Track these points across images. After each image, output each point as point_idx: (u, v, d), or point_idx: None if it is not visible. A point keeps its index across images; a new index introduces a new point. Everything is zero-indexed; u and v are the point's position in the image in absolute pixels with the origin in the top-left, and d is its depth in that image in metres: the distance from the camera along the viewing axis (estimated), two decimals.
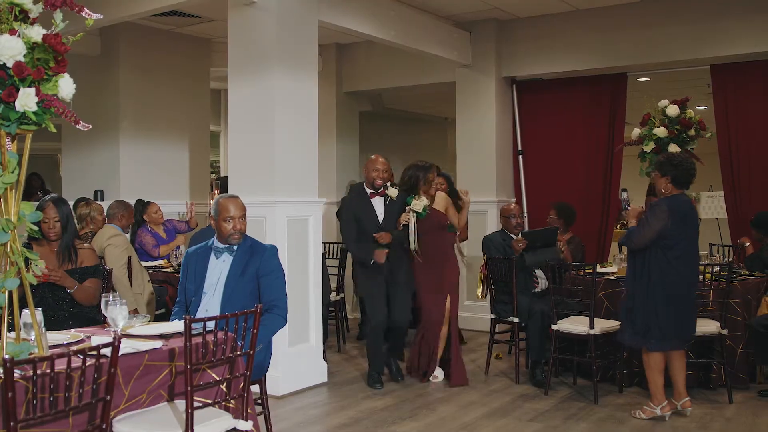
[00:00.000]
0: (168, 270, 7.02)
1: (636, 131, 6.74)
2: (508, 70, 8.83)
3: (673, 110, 6.53)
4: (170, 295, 6.67)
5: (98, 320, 4.69)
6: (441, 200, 6.39)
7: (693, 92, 9.81)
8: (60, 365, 2.70)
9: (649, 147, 6.57)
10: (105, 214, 6.79)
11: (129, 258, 6.26)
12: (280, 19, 5.96)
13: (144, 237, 7.69)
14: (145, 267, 6.73)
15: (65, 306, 4.64)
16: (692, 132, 6.49)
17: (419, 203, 6.04)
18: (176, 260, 7.12)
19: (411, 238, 6.07)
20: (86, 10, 3.03)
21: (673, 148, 6.33)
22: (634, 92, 8.80)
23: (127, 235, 7.28)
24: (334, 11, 6.73)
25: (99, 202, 7.21)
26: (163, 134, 8.90)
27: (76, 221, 6.15)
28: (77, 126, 3.01)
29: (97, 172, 8.62)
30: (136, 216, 7.72)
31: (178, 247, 7.59)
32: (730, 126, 7.91)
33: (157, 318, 6.35)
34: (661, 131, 6.47)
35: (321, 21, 6.47)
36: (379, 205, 6.14)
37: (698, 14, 7.67)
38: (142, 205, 7.84)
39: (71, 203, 6.31)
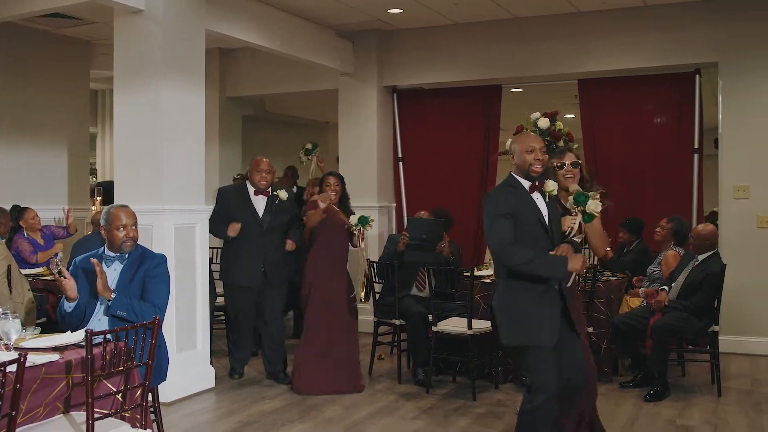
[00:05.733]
0: (48, 278, 6.87)
1: (510, 141, 7.12)
2: (389, 80, 9.11)
3: (543, 123, 6.95)
4: (51, 304, 6.54)
5: None
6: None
7: (563, 102, 10.45)
8: None
9: None
10: None
11: (9, 267, 6.12)
12: (167, 27, 5.99)
13: (21, 244, 7.49)
14: (25, 275, 6.57)
15: None
16: (561, 143, 6.93)
17: (596, 204, 4.22)
18: (56, 267, 6.95)
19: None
20: None
21: None
22: (509, 101, 9.27)
23: (3, 241, 7.09)
24: (221, 20, 6.80)
25: None
26: (40, 138, 8.67)
27: None
28: None
29: None
30: (12, 222, 7.51)
31: (56, 254, 7.42)
32: (595, 134, 8.47)
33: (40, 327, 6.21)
34: None
35: (208, 30, 6.53)
36: (540, 202, 4.18)
37: (565, 33, 8.19)
38: (18, 211, 7.63)
39: None
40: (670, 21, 7.78)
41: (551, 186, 4.19)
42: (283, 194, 6.57)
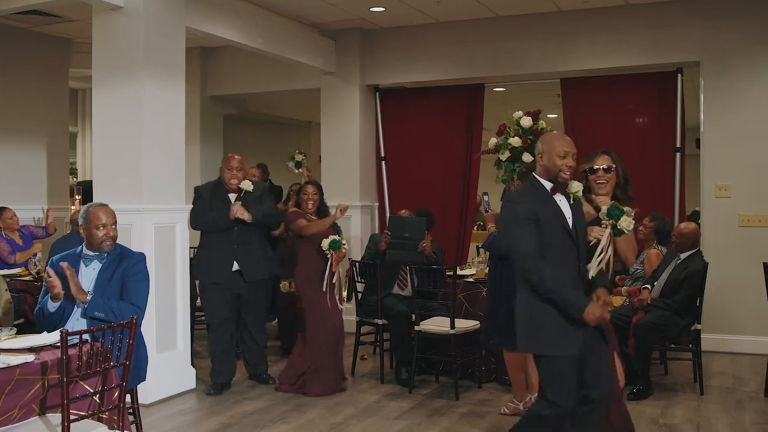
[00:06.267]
0: (27, 278, 6.79)
1: (493, 140, 7.11)
2: (371, 79, 9.07)
3: (526, 121, 6.95)
4: (29, 305, 6.46)
5: None
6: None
7: (545, 102, 10.45)
8: None
9: (504, 156, 6.96)
10: None
11: None
12: (148, 24, 5.93)
13: None
14: (3, 275, 6.49)
15: None
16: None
17: (629, 221, 3.89)
18: (35, 268, 6.90)
19: (595, 265, 3.85)
20: None
21: (527, 157, 6.74)
22: (491, 101, 9.26)
23: None
24: (202, 18, 6.74)
25: None
26: (19, 137, 8.58)
27: None
28: None
29: None
30: None
31: (35, 254, 7.34)
32: (576, 133, 8.46)
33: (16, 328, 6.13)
34: (515, 141, 6.87)
35: (189, 27, 6.47)
36: (564, 205, 3.88)
37: (549, 32, 8.20)
38: None
39: None
40: (652, 20, 7.80)
41: (576, 187, 3.87)
42: (246, 185, 6.23)
